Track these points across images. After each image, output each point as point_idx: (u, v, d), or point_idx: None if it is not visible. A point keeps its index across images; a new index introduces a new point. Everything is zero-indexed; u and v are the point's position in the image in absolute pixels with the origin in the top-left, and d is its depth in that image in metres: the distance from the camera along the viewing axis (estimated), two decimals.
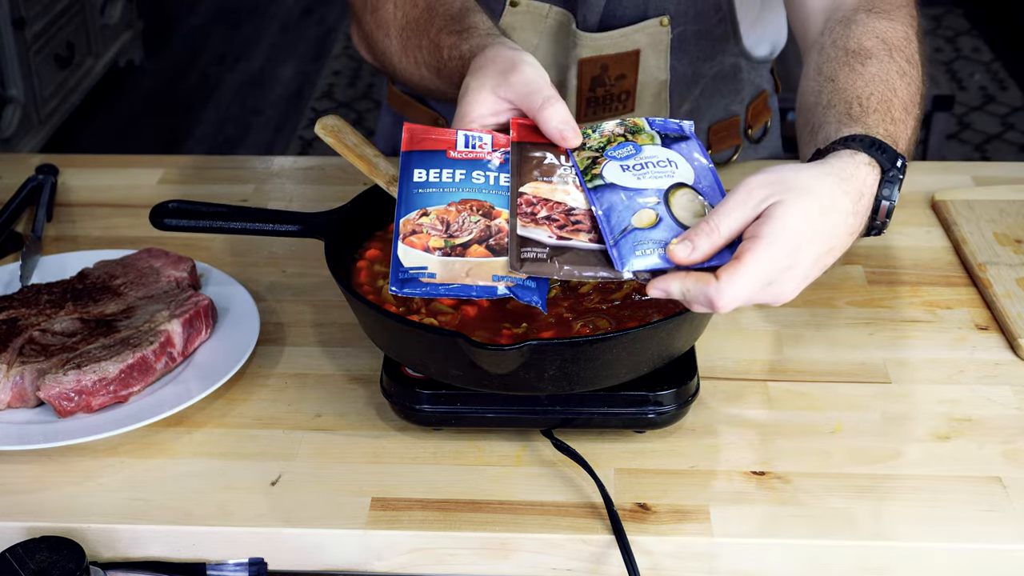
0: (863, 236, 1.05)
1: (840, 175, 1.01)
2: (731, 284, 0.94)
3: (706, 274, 0.96)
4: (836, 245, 1.00)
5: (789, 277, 0.97)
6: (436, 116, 1.58)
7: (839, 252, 1.01)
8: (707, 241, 0.97)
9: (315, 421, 1.16)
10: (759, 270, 0.95)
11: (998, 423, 1.16)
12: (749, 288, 0.95)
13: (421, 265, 1.01)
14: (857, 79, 1.13)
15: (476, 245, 1.02)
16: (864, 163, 1.03)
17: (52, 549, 0.96)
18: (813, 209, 0.97)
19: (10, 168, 1.62)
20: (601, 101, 1.49)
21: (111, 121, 4.24)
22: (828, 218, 0.99)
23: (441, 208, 1.04)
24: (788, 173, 0.99)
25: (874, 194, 1.04)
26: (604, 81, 1.47)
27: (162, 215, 1.21)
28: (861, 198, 1.02)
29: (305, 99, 4.45)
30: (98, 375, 1.13)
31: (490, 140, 1.09)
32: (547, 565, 1.04)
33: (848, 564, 1.03)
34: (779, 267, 0.96)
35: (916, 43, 1.21)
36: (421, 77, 1.32)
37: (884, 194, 1.04)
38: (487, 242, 1.02)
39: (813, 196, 0.98)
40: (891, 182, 1.04)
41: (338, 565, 1.05)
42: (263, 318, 1.27)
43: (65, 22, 3.92)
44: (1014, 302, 1.30)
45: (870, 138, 1.05)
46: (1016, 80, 4.45)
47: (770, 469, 1.10)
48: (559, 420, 1.11)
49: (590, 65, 1.45)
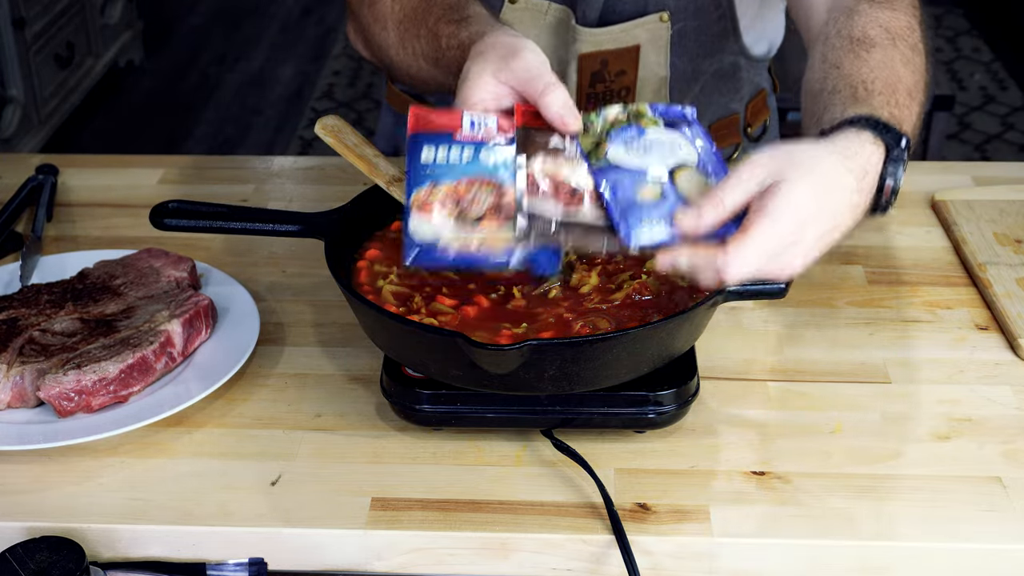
0: (868, 216, 1.06)
1: (845, 153, 1.02)
2: (739, 254, 0.96)
3: (714, 246, 0.97)
4: (840, 223, 1.01)
5: (794, 253, 0.99)
6: None
7: (844, 230, 1.02)
8: (713, 212, 0.98)
9: (315, 421, 1.16)
10: (766, 242, 0.96)
11: (998, 423, 1.16)
12: (756, 259, 0.96)
13: (433, 237, 1.01)
14: (862, 65, 1.14)
15: (487, 219, 1.02)
16: (869, 142, 1.04)
17: (52, 549, 0.96)
18: (818, 187, 0.98)
19: (10, 168, 1.62)
20: (601, 97, 1.49)
21: (111, 121, 4.24)
22: (833, 196, 1.00)
23: (451, 184, 1.05)
24: (794, 150, 1.01)
25: (879, 172, 1.04)
26: (604, 77, 1.47)
27: (162, 215, 1.21)
28: (865, 176, 1.03)
29: (305, 99, 4.45)
30: (98, 375, 1.13)
31: (495, 122, 1.10)
32: (547, 565, 1.04)
33: (848, 564, 1.03)
34: (785, 242, 0.97)
35: (919, 32, 1.22)
36: (419, 69, 1.33)
37: (889, 172, 1.05)
38: (498, 216, 1.02)
39: (818, 174, 0.99)
40: (896, 161, 1.05)
41: (338, 565, 1.05)
42: (263, 318, 1.27)
43: (65, 22, 3.92)
44: (1014, 302, 1.30)
45: (875, 118, 1.06)
46: (1016, 80, 4.45)
47: (770, 469, 1.10)
48: (559, 420, 1.11)
49: (590, 60, 1.46)
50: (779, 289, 1.08)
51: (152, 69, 4.64)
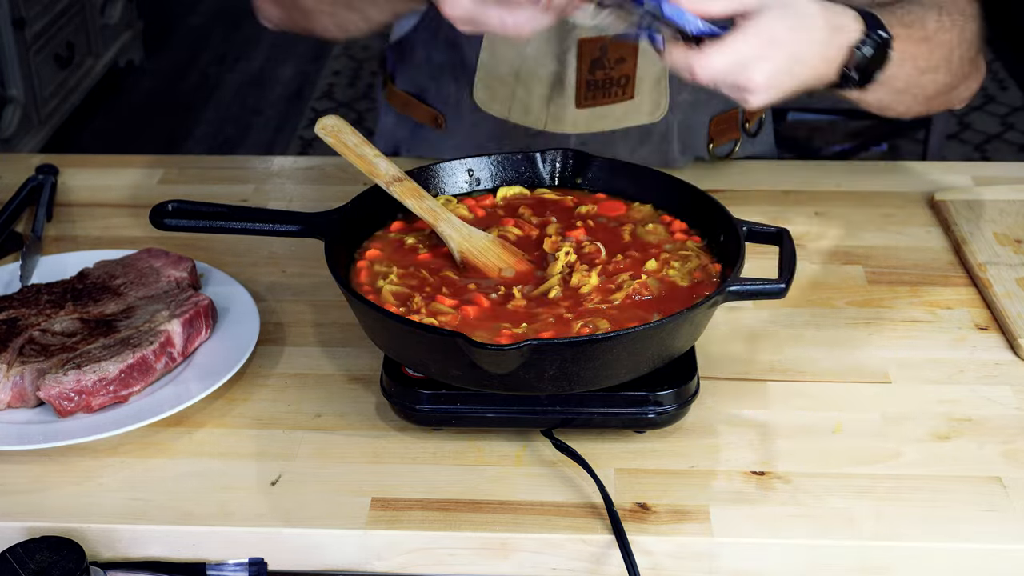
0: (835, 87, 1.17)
1: (826, 6, 1.13)
2: (711, 56, 1.06)
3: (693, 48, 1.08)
4: (808, 60, 1.11)
5: (760, 69, 1.08)
6: (436, 114, 1.59)
7: (808, 70, 1.12)
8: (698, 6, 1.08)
9: (315, 421, 1.16)
10: (737, 52, 1.07)
11: (998, 423, 1.16)
12: (724, 64, 1.07)
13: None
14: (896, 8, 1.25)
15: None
16: (852, 14, 1.15)
17: (52, 549, 0.96)
18: (793, 19, 1.09)
19: (10, 168, 1.62)
20: (601, 85, 1.50)
21: (111, 121, 4.24)
22: (805, 32, 1.11)
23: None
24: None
25: (852, 40, 1.14)
26: (604, 64, 1.48)
27: (162, 215, 1.21)
28: (839, 31, 1.13)
29: (305, 99, 4.45)
30: (98, 375, 1.13)
31: None
32: (547, 565, 1.04)
33: (848, 564, 1.03)
34: (754, 55, 1.07)
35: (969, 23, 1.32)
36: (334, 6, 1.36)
37: (861, 43, 1.14)
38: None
39: (795, 10, 1.10)
40: (871, 40, 1.15)
41: (338, 565, 1.05)
42: (263, 318, 1.27)
43: (65, 22, 3.92)
44: (1014, 302, 1.30)
45: (870, 12, 1.17)
46: (1016, 80, 4.45)
47: (770, 469, 1.10)
48: (559, 420, 1.11)
49: (590, 46, 1.46)
50: (779, 289, 1.09)
51: (152, 69, 4.64)
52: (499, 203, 1.30)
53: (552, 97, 1.51)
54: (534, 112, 1.52)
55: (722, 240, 1.19)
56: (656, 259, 1.18)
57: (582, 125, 1.53)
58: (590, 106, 1.51)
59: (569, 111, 1.52)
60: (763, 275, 1.12)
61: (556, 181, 1.32)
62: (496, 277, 1.17)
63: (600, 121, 1.53)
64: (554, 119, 1.52)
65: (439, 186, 1.30)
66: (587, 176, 1.31)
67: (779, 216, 1.49)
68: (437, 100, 1.59)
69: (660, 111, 1.54)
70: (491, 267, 1.18)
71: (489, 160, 1.31)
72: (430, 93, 1.60)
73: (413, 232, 1.24)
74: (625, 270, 1.17)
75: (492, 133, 1.56)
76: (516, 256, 1.20)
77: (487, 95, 1.53)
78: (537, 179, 1.32)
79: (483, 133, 1.57)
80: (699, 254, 1.20)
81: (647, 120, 1.54)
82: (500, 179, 1.32)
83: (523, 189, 1.31)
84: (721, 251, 1.19)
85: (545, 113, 1.52)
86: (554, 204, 1.29)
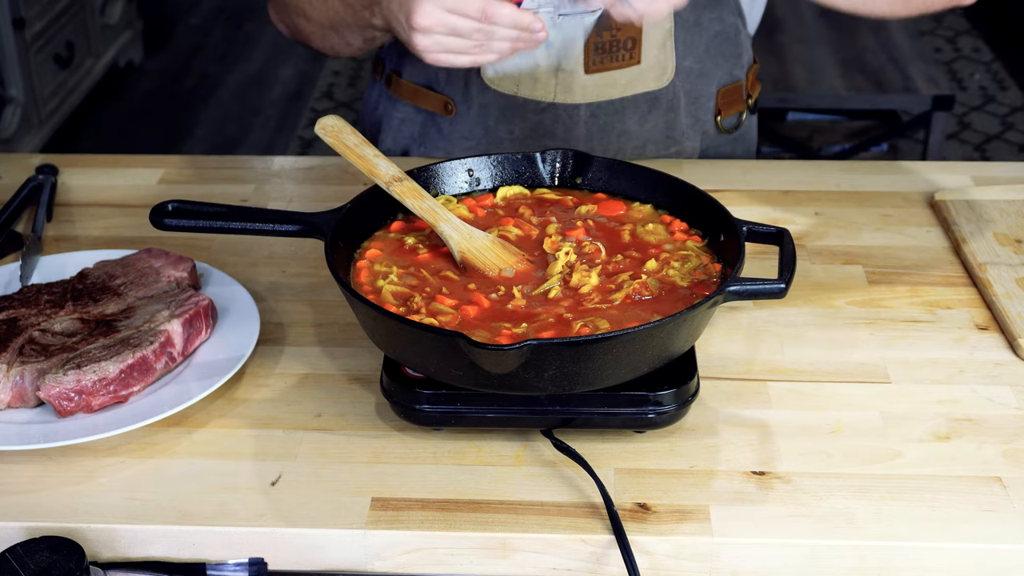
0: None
1: None
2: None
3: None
4: None
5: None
6: (446, 100, 1.60)
7: None
8: None
9: (315, 421, 1.16)
10: None
11: (998, 423, 1.16)
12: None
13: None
14: None
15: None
16: None
17: (52, 549, 0.96)
18: None
19: (10, 168, 1.62)
20: (608, 48, 1.51)
21: (111, 121, 4.24)
22: None
23: None
24: None
25: None
26: (610, 25, 1.49)
27: (162, 215, 1.21)
28: None
29: (305, 99, 4.45)
30: (98, 375, 1.13)
31: None
32: (547, 565, 1.04)
33: (848, 564, 1.03)
34: None
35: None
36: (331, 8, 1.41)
37: None
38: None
39: None
40: None
41: (338, 565, 1.05)
42: (263, 318, 1.27)
43: (65, 22, 3.92)
44: (1014, 302, 1.30)
45: None
46: (1016, 80, 4.45)
47: (770, 469, 1.10)
48: (559, 420, 1.11)
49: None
50: (779, 289, 1.09)
51: (152, 69, 4.64)
52: (499, 203, 1.30)
53: (560, 66, 1.52)
54: (542, 83, 1.53)
55: (722, 240, 1.19)
56: (656, 259, 1.18)
57: (591, 94, 1.54)
58: (598, 71, 1.53)
59: (578, 79, 1.53)
60: (763, 275, 1.12)
61: (556, 181, 1.32)
62: (496, 277, 1.17)
63: (608, 89, 1.55)
64: (563, 89, 1.54)
65: (439, 186, 1.30)
66: (587, 176, 1.31)
67: (779, 216, 1.49)
68: (447, 87, 1.60)
69: (667, 75, 1.56)
70: (491, 267, 1.18)
71: (489, 160, 1.32)
72: (439, 81, 1.61)
73: (413, 232, 1.25)
74: (625, 270, 1.17)
75: (502, 114, 1.57)
76: (516, 256, 1.20)
77: (496, 71, 1.54)
78: (537, 179, 1.32)
79: (492, 115, 1.58)
80: (699, 254, 1.20)
81: (654, 86, 1.56)
82: (500, 179, 1.32)
83: (523, 189, 1.31)
84: (721, 251, 1.19)
85: (554, 83, 1.53)
86: (554, 204, 1.29)
